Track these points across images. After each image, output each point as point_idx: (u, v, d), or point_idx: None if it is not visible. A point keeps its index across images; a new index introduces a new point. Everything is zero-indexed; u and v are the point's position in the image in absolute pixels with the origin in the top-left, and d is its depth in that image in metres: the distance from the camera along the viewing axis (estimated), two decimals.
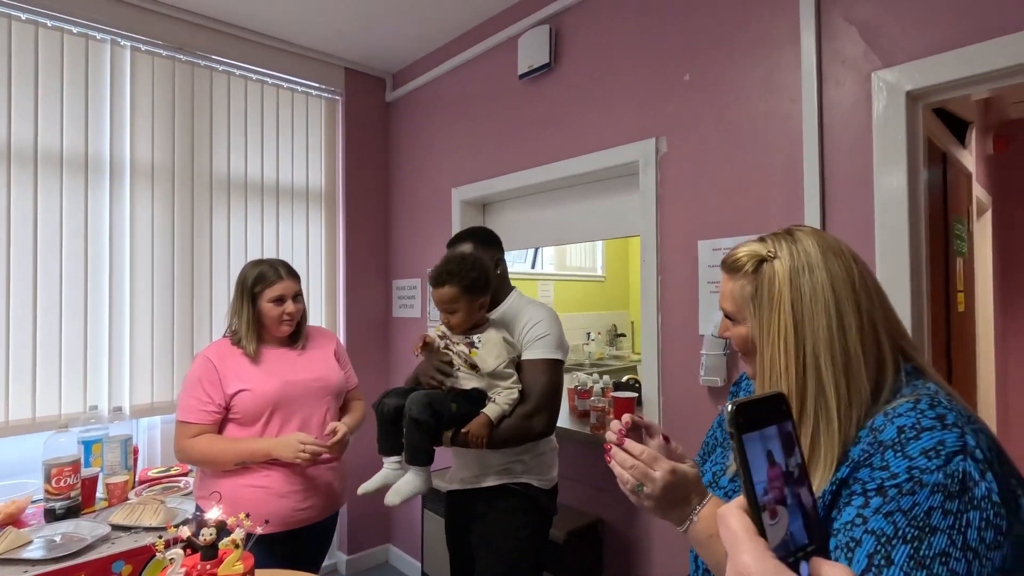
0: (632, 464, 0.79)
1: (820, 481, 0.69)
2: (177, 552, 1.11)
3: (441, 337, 1.55)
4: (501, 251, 1.70)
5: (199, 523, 1.17)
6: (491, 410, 1.44)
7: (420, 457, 1.41)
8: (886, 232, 1.36)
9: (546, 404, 1.49)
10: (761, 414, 0.38)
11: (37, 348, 2.05)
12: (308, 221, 2.82)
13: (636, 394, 1.88)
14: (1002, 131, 3.01)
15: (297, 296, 1.69)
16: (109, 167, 2.23)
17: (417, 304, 2.88)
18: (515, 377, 1.49)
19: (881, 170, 1.37)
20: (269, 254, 2.66)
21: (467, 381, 1.48)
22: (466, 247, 1.63)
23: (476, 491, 1.56)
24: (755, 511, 0.36)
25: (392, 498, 1.40)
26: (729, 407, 0.37)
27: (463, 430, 1.42)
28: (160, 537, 1.66)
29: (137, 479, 2.10)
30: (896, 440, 0.63)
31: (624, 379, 2.32)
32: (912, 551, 0.57)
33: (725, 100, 1.67)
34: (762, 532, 0.36)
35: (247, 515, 1.21)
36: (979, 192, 2.76)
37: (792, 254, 0.75)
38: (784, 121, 1.54)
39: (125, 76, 2.27)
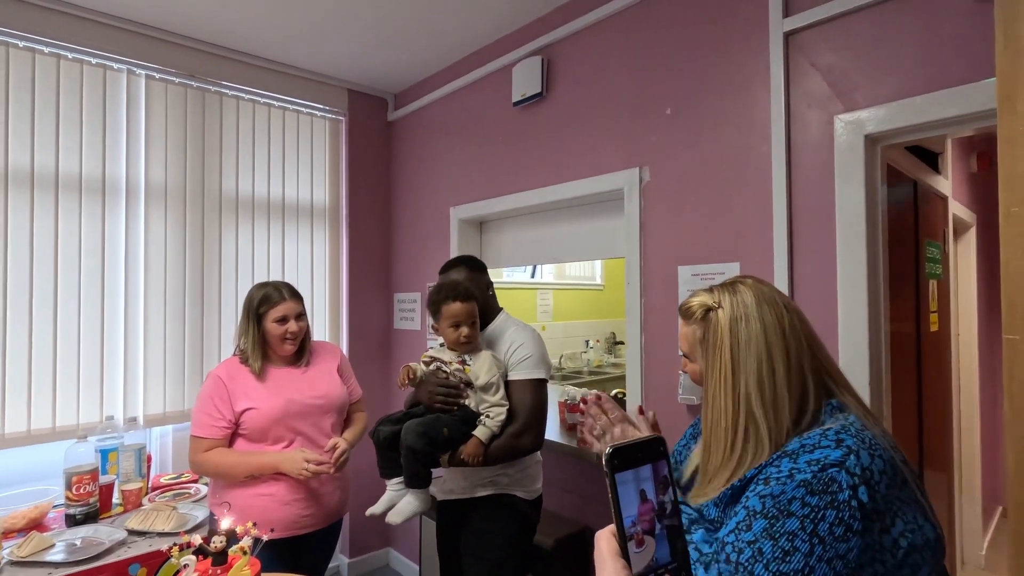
0: (602, 418, 1.04)
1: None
2: (190, 558, 1.23)
3: (431, 361, 1.64)
4: (488, 276, 1.84)
5: (211, 531, 1.28)
6: (482, 433, 1.54)
7: (418, 482, 1.53)
8: (847, 257, 1.46)
9: (534, 422, 1.61)
10: (638, 455, 0.44)
11: (57, 361, 2.18)
12: (313, 238, 2.94)
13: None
14: (985, 149, 3.09)
15: (300, 316, 1.80)
16: (125, 189, 2.35)
17: (417, 317, 3.00)
18: (502, 393, 1.59)
19: (843, 201, 1.47)
20: (275, 270, 2.78)
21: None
22: (461, 272, 1.76)
23: (465, 501, 1.67)
24: (621, 539, 0.43)
25: (394, 518, 1.54)
26: (608, 450, 0.44)
27: (460, 455, 1.52)
28: (175, 543, 1.78)
29: (150, 485, 2.22)
30: (795, 451, 0.77)
31: (613, 392, 2.42)
32: (767, 525, 0.72)
33: (703, 133, 1.78)
34: (626, 557, 0.43)
35: (254, 524, 1.32)
36: (961, 211, 2.85)
37: (732, 305, 0.89)
38: (756, 155, 1.65)
39: (140, 103, 2.40)
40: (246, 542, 1.28)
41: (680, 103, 1.84)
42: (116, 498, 2.07)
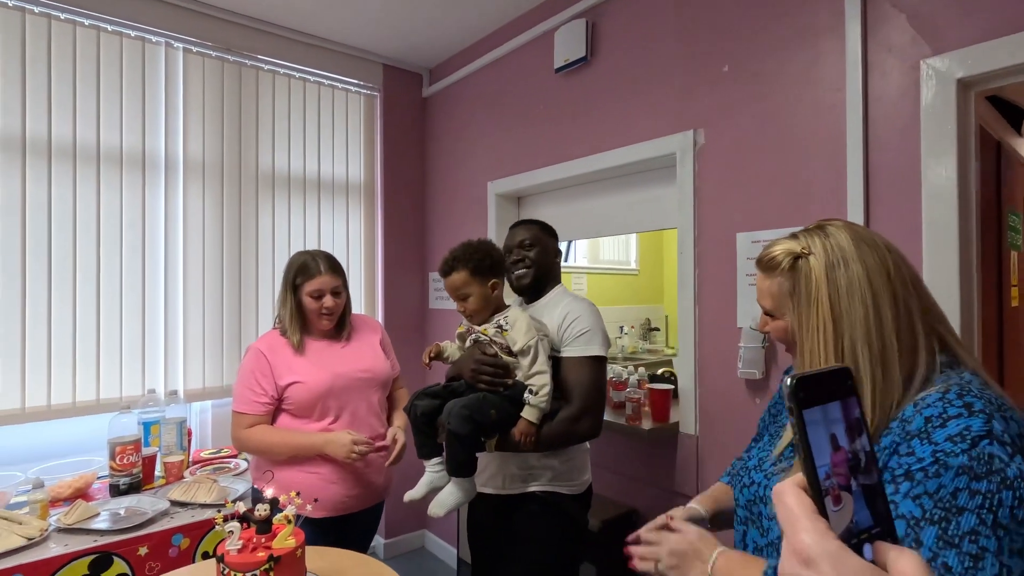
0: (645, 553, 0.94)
1: None
2: (235, 525, 1.19)
3: (467, 331, 1.51)
4: (556, 242, 1.69)
5: (255, 499, 1.24)
6: (530, 413, 1.37)
7: (462, 470, 1.37)
8: (934, 226, 1.33)
9: (591, 405, 1.42)
10: (824, 389, 0.35)
11: (101, 335, 2.19)
12: (348, 215, 2.90)
13: (672, 386, 1.89)
14: None
15: (337, 291, 1.70)
16: (164, 163, 2.34)
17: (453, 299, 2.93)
18: (543, 358, 1.40)
19: (929, 161, 1.33)
20: (311, 247, 2.75)
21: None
22: (530, 229, 1.61)
23: (501, 497, 1.50)
24: (816, 494, 0.34)
25: (436, 510, 1.37)
26: (788, 380, 0.34)
27: (512, 434, 1.37)
28: (219, 511, 1.77)
29: (191, 459, 2.22)
30: (923, 429, 0.65)
31: (659, 372, 2.32)
32: (940, 532, 0.58)
33: (765, 91, 1.65)
34: (823, 516, 0.33)
35: (297, 493, 1.28)
36: None
37: (826, 249, 0.77)
38: (827, 112, 1.52)
39: (178, 77, 2.38)
40: (290, 511, 1.24)
41: (738, 59, 1.72)
42: (158, 471, 2.07)
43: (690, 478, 1.81)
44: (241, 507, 1.27)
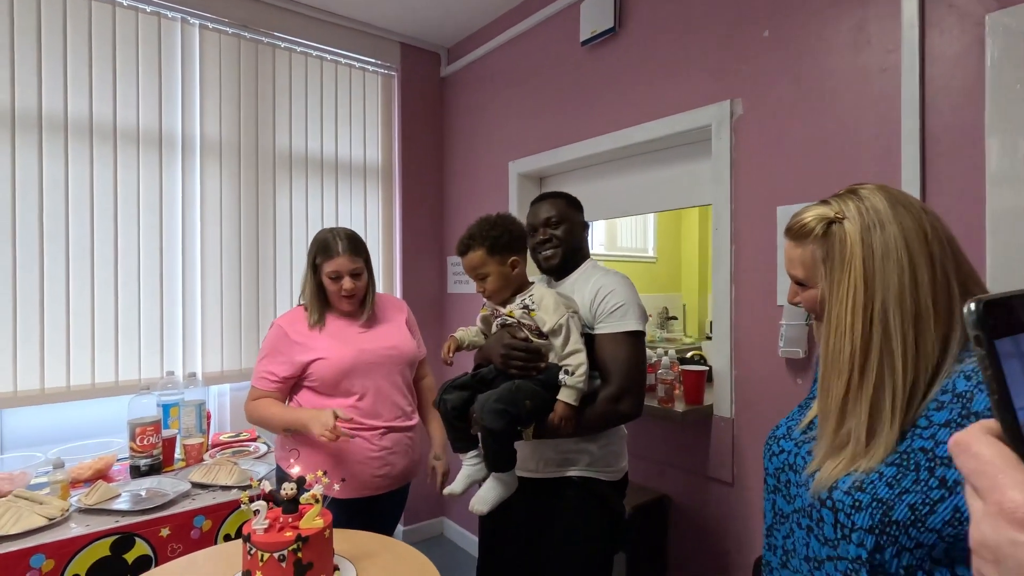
0: None
1: (884, 441, 0.70)
2: (261, 504, 1.14)
3: (491, 315, 1.44)
4: (582, 216, 1.60)
5: (278, 479, 1.19)
6: (568, 395, 1.29)
7: (501, 464, 1.30)
8: (999, 203, 1.23)
9: (632, 383, 1.34)
10: (1017, 316, 0.29)
11: (119, 316, 2.16)
12: (366, 197, 2.85)
13: (706, 367, 1.82)
14: None
15: (357, 273, 1.64)
16: (181, 143, 2.30)
17: (472, 280, 2.87)
18: (575, 336, 1.32)
19: (995, 128, 1.25)
20: None
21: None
22: (555, 204, 1.52)
23: (535, 480, 1.42)
24: (1015, 439, 0.28)
25: (480, 507, 1.30)
26: (972, 305, 0.29)
27: (549, 423, 1.29)
28: (244, 491, 1.73)
29: (210, 443, 2.19)
30: (982, 409, 0.64)
31: (688, 355, 2.25)
32: None
33: (808, 56, 1.57)
34: None
35: (324, 472, 1.23)
36: None
37: (861, 212, 0.74)
38: (877, 76, 1.43)
39: (194, 54, 2.33)
40: (317, 490, 1.19)
41: (780, 23, 1.63)
42: (178, 453, 2.04)
43: (725, 462, 1.75)
44: (267, 486, 1.22)
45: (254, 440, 2.24)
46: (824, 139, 1.53)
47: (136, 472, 1.85)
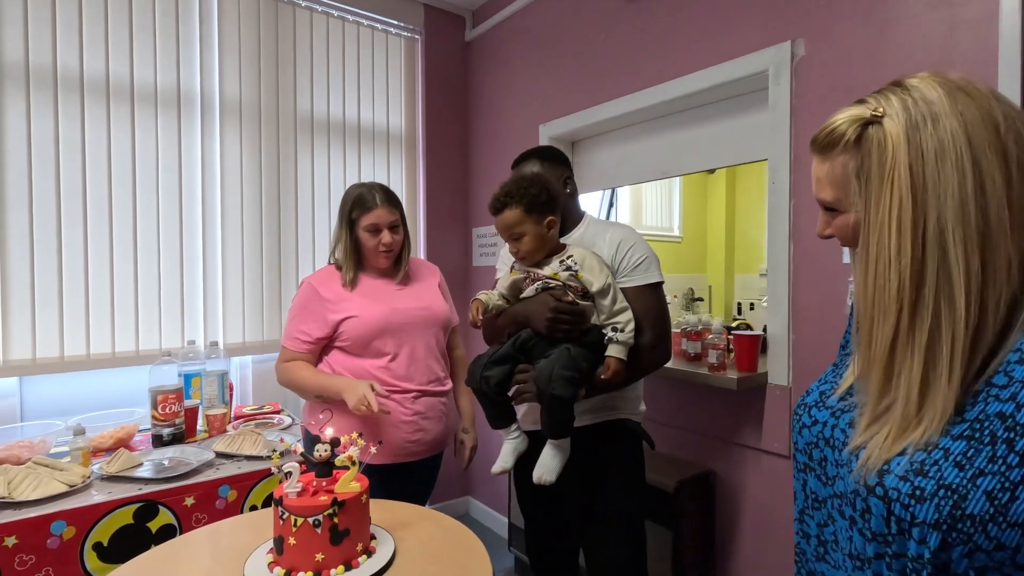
0: None
1: (941, 403, 0.55)
2: (294, 465, 1.05)
3: (528, 279, 1.35)
4: (570, 169, 1.54)
5: (312, 440, 1.10)
6: (618, 351, 1.28)
7: (565, 431, 1.29)
8: None
9: (663, 332, 1.38)
10: None
11: (139, 284, 2.09)
12: (389, 164, 2.74)
13: (762, 333, 1.69)
14: None
15: (395, 226, 1.59)
16: (200, 104, 2.21)
17: (499, 252, 2.77)
18: (621, 295, 1.32)
19: None
20: None
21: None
22: (532, 166, 1.48)
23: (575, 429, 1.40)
24: None
25: (548, 477, 1.29)
26: None
27: (603, 378, 1.27)
28: (274, 451, 1.65)
29: (233, 415, 2.12)
30: None
31: (734, 323, 2.12)
32: None
33: None
34: None
35: (359, 434, 1.14)
36: None
37: (907, 106, 0.57)
38: (967, 11, 1.28)
39: (212, 11, 2.23)
40: (353, 452, 1.09)
41: None
42: (200, 424, 1.97)
43: (781, 434, 1.63)
44: (299, 447, 1.13)
45: (278, 412, 2.17)
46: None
47: (159, 441, 1.78)
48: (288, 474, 1.05)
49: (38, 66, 1.89)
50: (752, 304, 3.78)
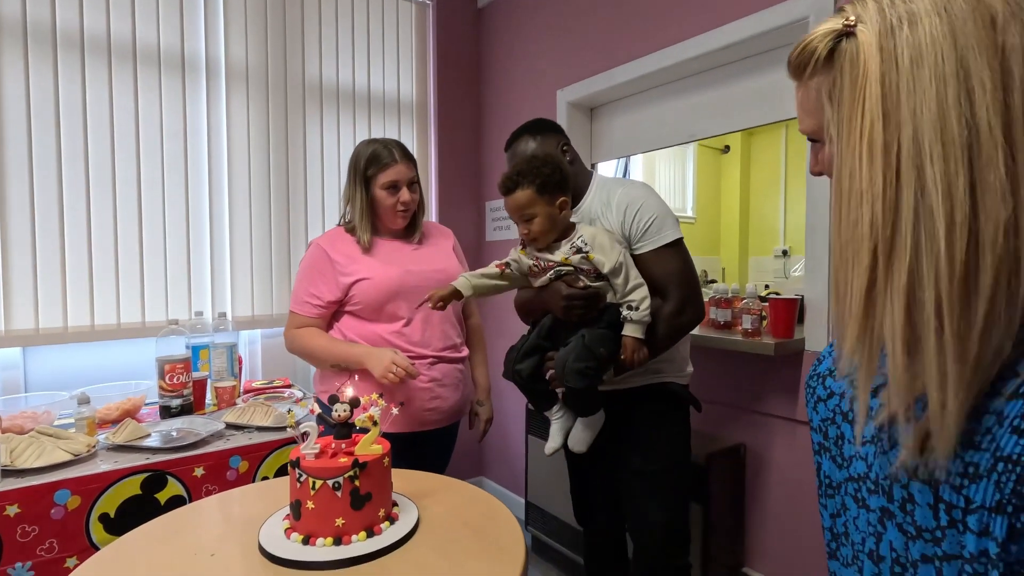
0: None
1: (950, 361, 0.43)
2: (311, 425, 0.98)
3: (539, 267, 1.31)
4: (565, 136, 1.48)
5: (331, 399, 1.03)
6: (634, 330, 1.25)
7: (590, 411, 1.33)
8: None
9: (690, 291, 1.32)
10: None
11: (144, 253, 2.01)
12: (400, 135, 2.65)
13: (798, 297, 1.61)
14: None
15: (413, 184, 1.52)
16: (205, 67, 2.12)
17: (514, 225, 2.68)
18: (635, 271, 1.28)
19: None
20: None
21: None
22: (527, 144, 1.44)
23: (614, 393, 1.38)
24: None
25: (580, 448, 1.33)
26: None
27: (623, 361, 1.26)
28: (290, 410, 1.58)
29: (242, 389, 2.05)
30: None
31: (766, 290, 2.03)
32: None
33: None
34: None
35: (380, 395, 1.06)
36: None
37: (882, 8, 0.47)
38: None
39: None
40: (374, 412, 1.02)
41: None
42: (209, 397, 1.91)
43: None
44: (316, 407, 1.06)
45: (288, 387, 2.10)
46: None
47: (167, 413, 1.72)
48: (305, 435, 0.98)
49: (36, 22, 1.81)
50: (767, 286, 3.69)
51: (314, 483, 0.93)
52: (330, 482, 0.93)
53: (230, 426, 1.66)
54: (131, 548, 0.95)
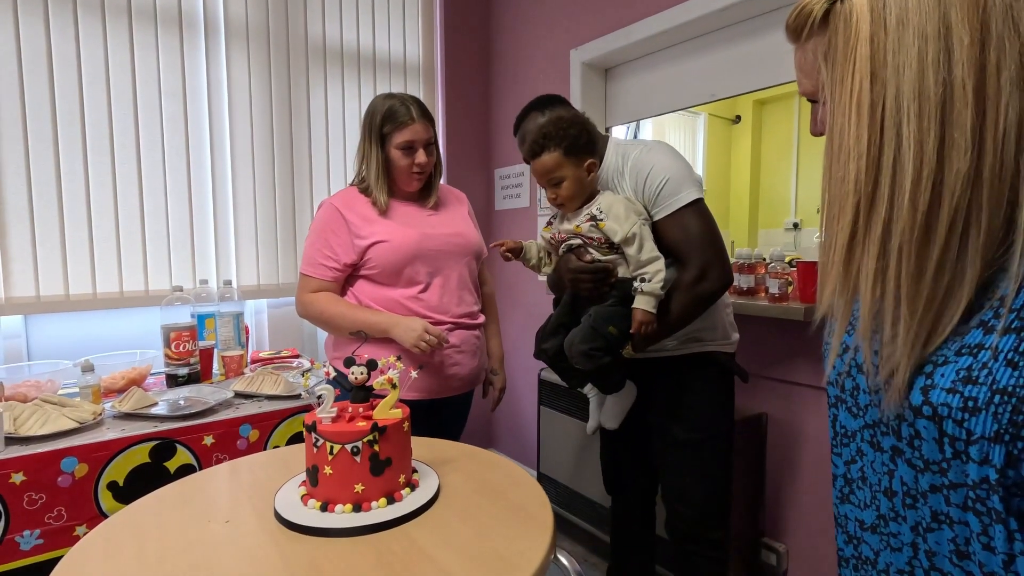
0: None
1: (925, 298, 0.48)
2: (327, 388, 0.93)
3: (556, 240, 1.28)
4: (572, 107, 1.43)
5: (347, 362, 0.98)
6: (644, 302, 1.16)
7: (614, 388, 1.30)
8: None
9: (712, 256, 1.20)
10: None
11: (145, 219, 1.95)
12: None
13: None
14: None
15: (429, 145, 1.43)
16: (203, 24, 2.02)
17: (525, 192, 2.61)
18: (650, 243, 1.18)
19: None
20: None
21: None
22: (538, 121, 1.36)
23: (656, 361, 1.32)
24: None
25: (611, 424, 1.33)
26: None
27: (632, 332, 1.19)
28: (304, 375, 1.53)
29: (249, 359, 2.01)
30: None
31: (786, 259, 1.97)
32: None
33: None
34: None
35: (398, 357, 1.01)
36: None
37: None
38: None
39: None
40: (393, 374, 0.97)
41: None
42: (216, 367, 1.87)
43: None
44: (331, 371, 1.01)
45: (297, 357, 2.06)
46: None
47: (173, 381, 1.68)
48: (321, 398, 0.93)
49: None
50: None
51: (332, 447, 0.89)
52: (348, 446, 0.89)
53: (239, 395, 1.62)
54: (142, 515, 0.91)
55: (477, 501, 0.94)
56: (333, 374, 0.99)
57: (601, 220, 1.19)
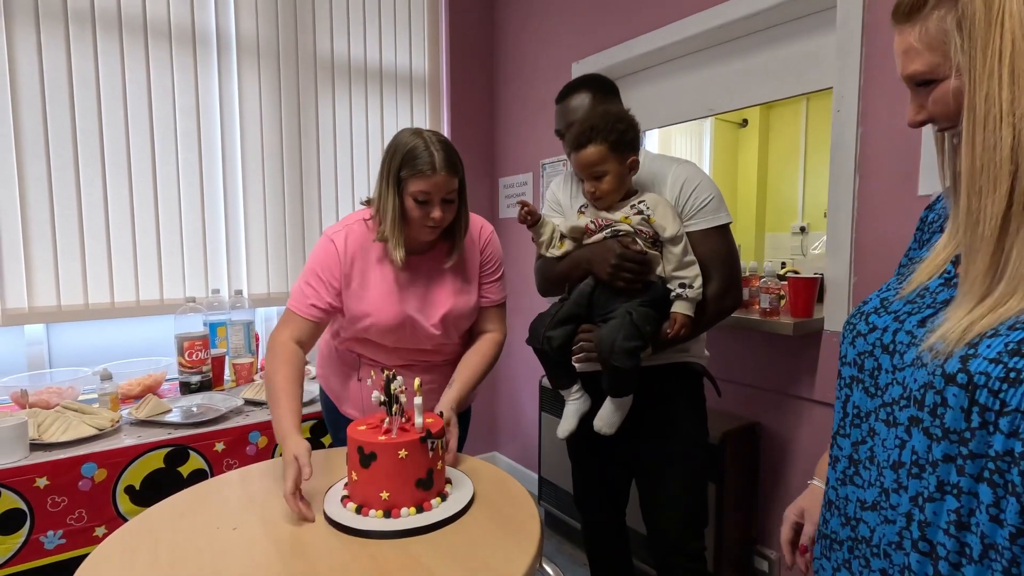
0: None
1: None
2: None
3: (596, 225, 1.25)
4: (622, 102, 1.43)
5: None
6: (686, 307, 1.21)
7: (628, 391, 1.25)
8: None
9: (733, 278, 1.30)
10: None
11: (160, 231, 2.03)
12: (412, 109, 2.62)
13: (819, 275, 1.58)
14: None
15: (451, 199, 1.24)
16: (216, 42, 2.10)
17: (528, 201, 2.65)
18: (690, 249, 1.23)
19: None
20: (375, 144, 2.50)
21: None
22: (583, 97, 1.37)
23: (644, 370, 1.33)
24: None
25: (608, 430, 1.27)
26: None
27: (670, 333, 1.21)
28: (313, 379, 1.58)
29: (259, 365, 2.08)
30: None
31: (783, 270, 2.01)
32: None
33: None
34: None
35: (394, 374, 1.06)
36: None
37: None
38: None
39: None
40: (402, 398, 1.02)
41: None
42: (228, 374, 1.94)
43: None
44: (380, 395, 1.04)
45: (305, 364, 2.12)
46: None
47: (187, 389, 1.75)
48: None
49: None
50: (783, 263, 3.64)
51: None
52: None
53: (249, 402, 1.68)
54: (156, 520, 0.97)
55: (471, 512, 0.99)
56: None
57: (651, 215, 1.21)
